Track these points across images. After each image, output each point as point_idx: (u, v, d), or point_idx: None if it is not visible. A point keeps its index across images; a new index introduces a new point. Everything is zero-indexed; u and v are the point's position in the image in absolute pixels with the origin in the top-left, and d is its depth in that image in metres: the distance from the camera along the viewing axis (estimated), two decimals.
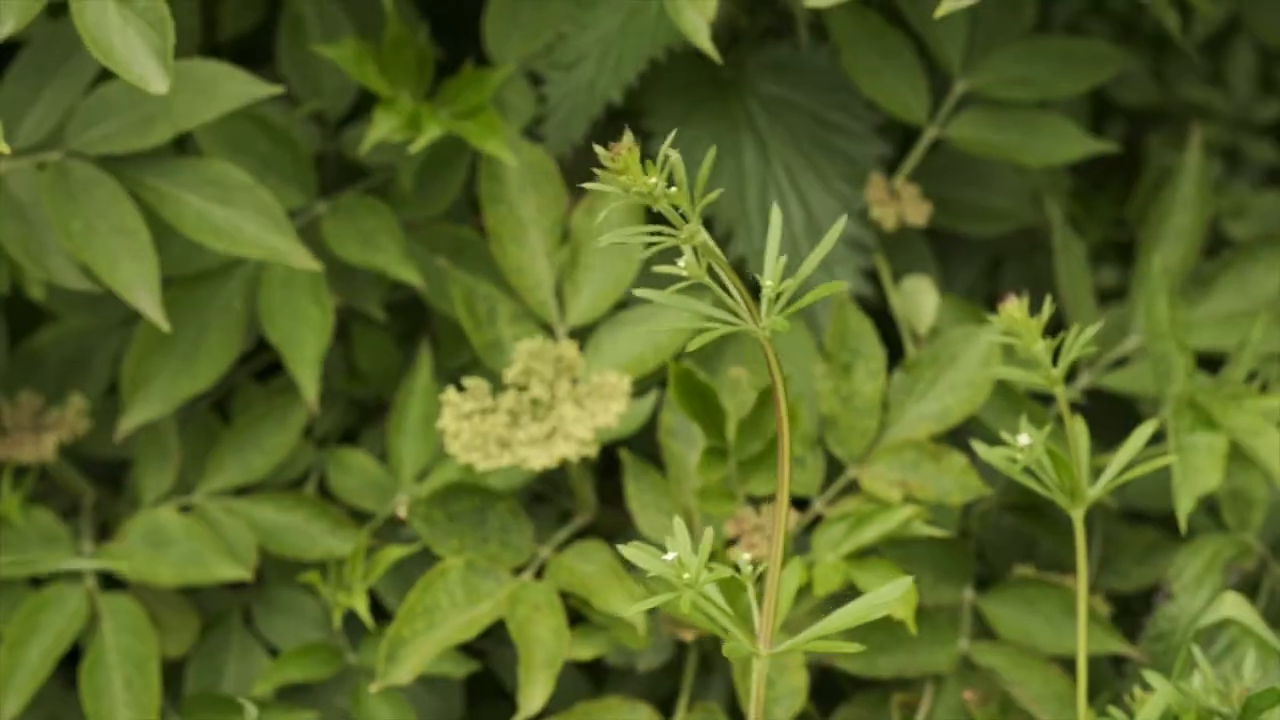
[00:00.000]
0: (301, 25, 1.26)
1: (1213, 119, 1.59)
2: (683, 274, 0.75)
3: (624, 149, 0.73)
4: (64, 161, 1.11)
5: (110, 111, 1.12)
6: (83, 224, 1.10)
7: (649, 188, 0.73)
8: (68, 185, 1.11)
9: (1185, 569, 1.16)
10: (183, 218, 1.12)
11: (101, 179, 1.11)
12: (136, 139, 1.11)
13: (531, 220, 1.19)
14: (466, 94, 1.18)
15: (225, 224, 1.12)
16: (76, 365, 1.25)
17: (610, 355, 1.16)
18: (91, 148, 1.12)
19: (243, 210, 1.13)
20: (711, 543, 1.13)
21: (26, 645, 1.15)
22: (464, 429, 1.12)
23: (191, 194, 1.13)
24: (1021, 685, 1.14)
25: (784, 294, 0.77)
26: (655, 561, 0.78)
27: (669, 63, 1.22)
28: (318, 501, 1.20)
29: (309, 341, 1.18)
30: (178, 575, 1.17)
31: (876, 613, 0.80)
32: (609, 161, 0.74)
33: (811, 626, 0.80)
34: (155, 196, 1.12)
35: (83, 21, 0.98)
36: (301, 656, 1.18)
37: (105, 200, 1.11)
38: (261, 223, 1.13)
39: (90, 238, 1.10)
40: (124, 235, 1.10)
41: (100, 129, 1.12)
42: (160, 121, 1.11)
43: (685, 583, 0.77)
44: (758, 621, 0.81)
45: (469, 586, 1.12)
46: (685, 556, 0.78)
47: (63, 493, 1.26)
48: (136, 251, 1.10)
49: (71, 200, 1.10)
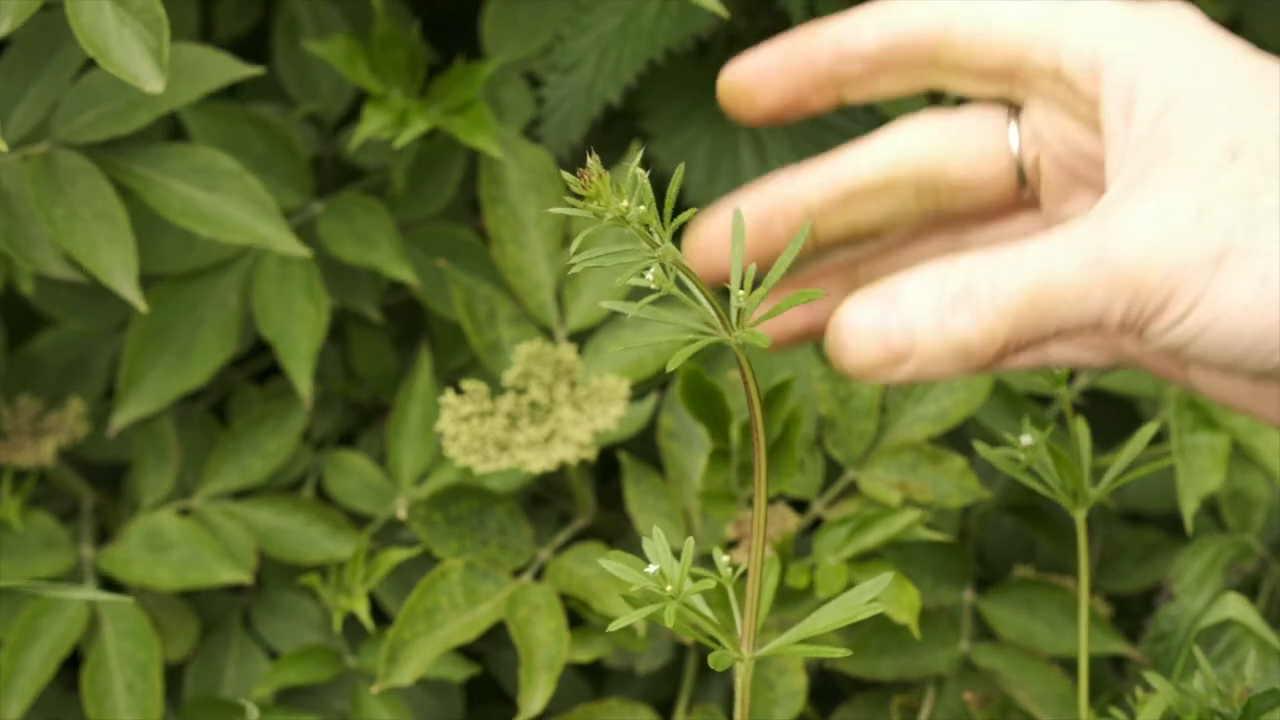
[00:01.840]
0: (297, 27, 1.26)
1: None
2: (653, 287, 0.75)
3: (593, 174, 0.73)
4: (50, 152, 1.11)
5: (95, 99, 1.12)
6: (65, 211, 1.09)
7: (620, 211, 0.73)
8: (53, 174, 1.10)
9: (1186, 570, 1.16)
10: (169, 205, 1.12)
11: (86, 166, 1.11)
12: (119, 124, 1.11)
13: (532, 222, 1.19)
14: (456, 89, 1.18)
15: (212, 210, 1.12)
16: (75, 369, 1.25)
17: (610, 358, 1.16)
18: (77, 136, 1.11)
19: (230, 196, 1.12)
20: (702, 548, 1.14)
21: (27, 650, 1.15)
22: (462, 431, 1.12)
23: (178, 180, 1.12)
24: (1022, 686, 1.14)
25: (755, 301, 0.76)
26: (637, 574, 0.77)
27: (667, 64, 1.22)
28: (317, 505, 1.20)
29: (303, 337, 1.18)
30: (178, 579, 1.17)
31: (860, 613, 0.79)
32: (577, 187, 0.73)
33: (792, 629, 0.80)
34: (142, 184, 1.12)
35: (78, 21, 0.98)
36: (301, 659, 1.18)
37: (89, 187, 1.10)
38: (249, 209, 1.12)
39: (72, 224, 1.09)
40: (104, 221, 1.10)
41: (85, 117, 1.12)
42: (142, 106, 1.11)
43: (669, 595, 0.77)
44: (739, 626, 0.80)
45: (469, 588, 1.12)
46: (667, 568, 0.77)
47: (62, 496, 1.26)
48: (115, 236, 1.09)
49: (56, 189, 1.10)
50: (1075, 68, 0.76)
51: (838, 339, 0.74)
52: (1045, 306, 0.71)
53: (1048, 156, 0.80)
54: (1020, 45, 0.78)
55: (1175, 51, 0.74)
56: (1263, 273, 0.69)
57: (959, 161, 0.81)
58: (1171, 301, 0.70)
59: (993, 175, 0.81)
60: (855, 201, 0.81)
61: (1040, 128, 0.80)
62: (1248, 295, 0.70)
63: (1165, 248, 0.70)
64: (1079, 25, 0.76)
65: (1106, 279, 0.71)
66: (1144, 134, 0.73)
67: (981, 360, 0.73)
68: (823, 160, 0.82)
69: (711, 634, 0.79)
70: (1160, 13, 0.76)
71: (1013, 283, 0.71)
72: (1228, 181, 0.70)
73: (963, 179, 0.81)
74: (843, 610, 0.80)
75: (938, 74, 0.80)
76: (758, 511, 0.79)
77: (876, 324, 0.73)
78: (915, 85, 0.81)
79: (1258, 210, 0.70)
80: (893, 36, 0.80)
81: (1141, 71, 0.74)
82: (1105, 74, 0.75)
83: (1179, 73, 0.73)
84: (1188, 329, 0.71)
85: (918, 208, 0.82)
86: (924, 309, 0.73)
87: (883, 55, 0.80)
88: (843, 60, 0.81)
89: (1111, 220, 0.71)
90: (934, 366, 0.73)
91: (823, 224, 0.82)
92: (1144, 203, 0.71)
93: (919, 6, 0.80)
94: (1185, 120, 0.72)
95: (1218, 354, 0.71)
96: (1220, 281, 0.70)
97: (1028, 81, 0.79)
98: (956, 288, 0.72)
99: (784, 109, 0.83)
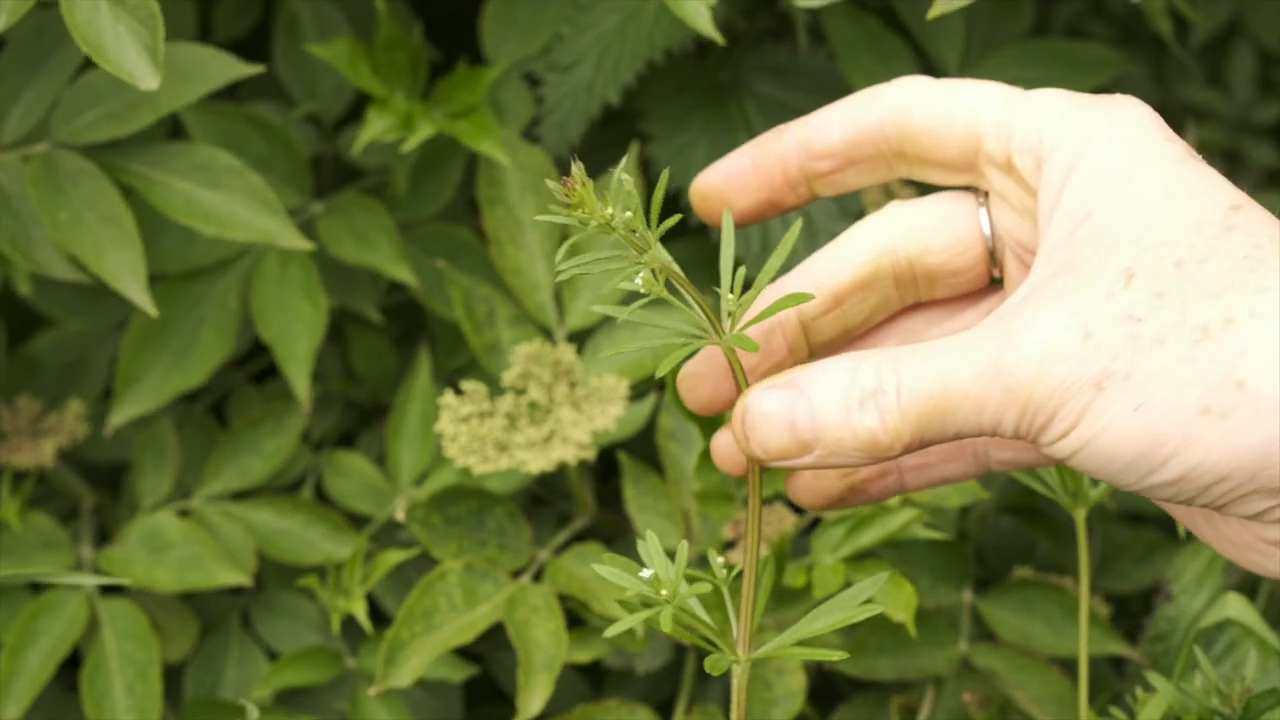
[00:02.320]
0: (297, 27, 1.26)
1: (1213, 121, 1.59)
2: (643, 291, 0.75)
3: (576, 182, 0.73)
4: (51, 153, 1.11)
5: (94, 100, 1.12)
6: (70, 214, 1.09)
7: (606, 219, 0.73)
8: (54, 176, 1.10)
9: (1185, 570, 1.16)
10: (171, 203, 1.12)
11: (88, 168, 1.11)
12: (119, 125, 1.11)
13: (530, 222, 1.19)
14: (460, 94, 1.18)
15: (214, 207, 1.12)
16: (74, 369, 1.25)
17: (609, 359, 1.16)
18: (77, 137, 1.11)
19: (231, 193, 1.12)
20: (700, 548, 1.14)
21: (26, 650, 1.15)
22: (461, 432, 1.12)
23: (179, 179, 1.12)
24: (1021, 687, 1.14)
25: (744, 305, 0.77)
26: (632, 579, 0.78)
27: (666, 64, 1.22)
28: (316, 506, 1.20)
29: (301, 338, 1.18)
30: (177, 580, 1.16)
31: (856, 614, 0.79)
32: (562, 196, 0.74)
33: (788, 630, 0.80)
34: (143, 183, 1.12)
35: (73, 19, 0.98)
36: (299, 661, 1.18)
37: (92, 190, 1.10)
38: (251, 205, 1.12)
39: (78, 227, 1.09)
40: (110, 224, 1.10)
41: (84, 118, 1.12)
42: (143, 107, 1.11)
43: (664, 599, 0.77)
44: (735, 628, 0.80)
45: (467, 589, 1.12)
46: (662, 571, 0.77)
47: (62, 497, 1.26)
48: (122, 240, 1.10)
49: (58, 191, 1.10)
50: (1023, 160, 0.79)
51: (747, 422, 0.77)
52: (946, 411, 0.75)
53: (1005, 244, 0.83)
54: (976, 135, 0.80)
55: (1109, 156, 0.76)
56: (1138, 400, 0.72)
57: (936, 250, 0.83)
58: (1056, 418, 0.74)
59: (967, 262, 0.84)
60: (844, 302, 0.84)
61: (996, 219, 0.82)
62: (1123, 420, 0.73)
63: (1054, 366, 0.73)
64: (1029, 115, 0.79)
65: (1000, 392, 0.74)
66: (1060, 241, 0.76)
67: (888, 455, 0.76)
68: (808, 266, 0.84)
69: (707, 636, 0.79)
70: (1110, 110, 0.78)
71: (915, 388, 0.75)
72: (1119, 305, 0.73)
73: (940, 266, 0.84)
74: (839, 611, 0.80)
75: (905, 165, 0.83)
76: (752, 512, 0.79)
77: (785, 412, 0.77)
78: (885, 176, 0.84)
79: (1140, 338, 0.72)
80: (857, 132, 0.83)
81: (1073, 173, 0.76)
82: (1046, 167, 0.78)
83: (1105, 181, 0.76)
84: (1070, 444, 0.74)
85: (897, 298, 0.85)
86: (832, 402, 0.76)
87: (850, 150, 0.83)
88: (812, 157, 0.84)
89: (1009, 331, 0.74)
90: (839, 457, 0.76)
91: (815, 329, 0.85)
92: (1040, 317, 0.74)
93: (881, 100, 0.82)
94: (1097, 235, 0.75)
95: (1099, 469, 0.74)
96: (1099, 404, 0.73)
97: (983, 173, 0.81)
98: (865, 386, 0.75)
99: (759, 210, 0.85)
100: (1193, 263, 0.73)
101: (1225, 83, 1.60)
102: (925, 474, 0.86)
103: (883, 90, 0.82)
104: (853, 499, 0.85)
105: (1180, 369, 0.72)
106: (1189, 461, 0.72)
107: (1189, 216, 0.74)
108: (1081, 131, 0.77)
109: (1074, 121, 0.77)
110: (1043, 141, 0.78)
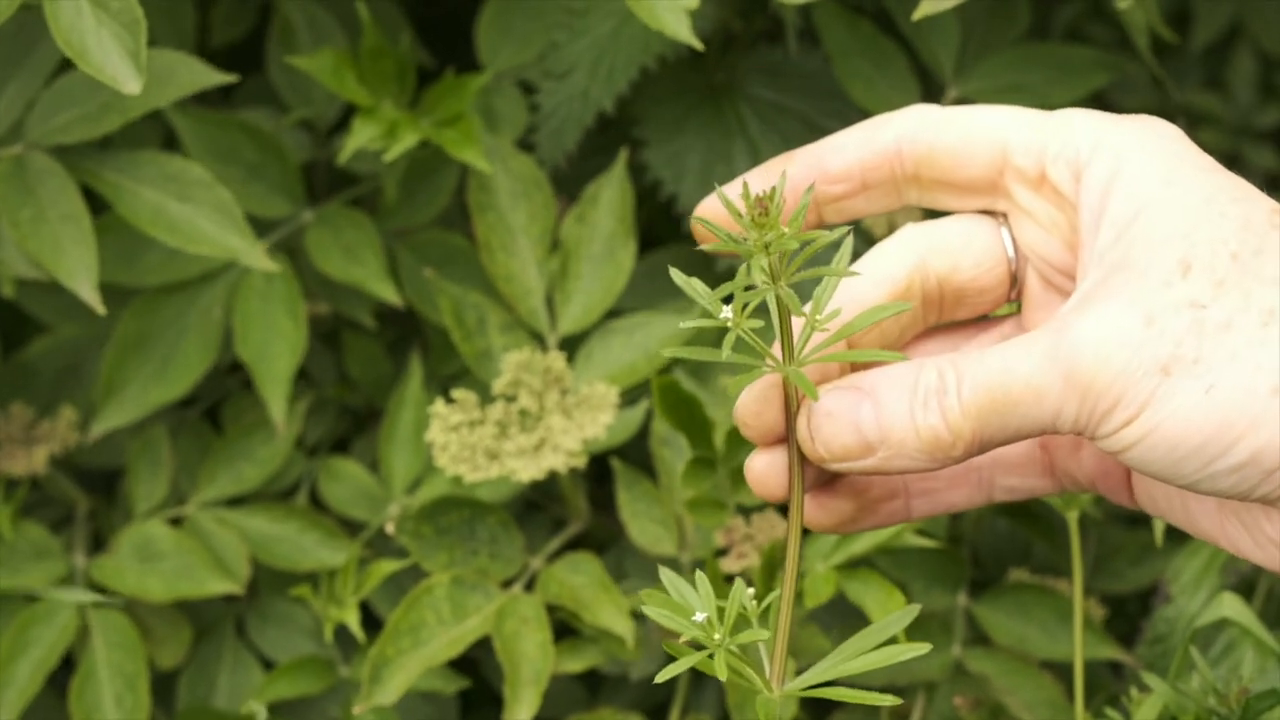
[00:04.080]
0: (291, 33, 1.25)
1: (1213, 125, 1.58)
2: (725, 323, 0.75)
3: (769, 200, 0.73)
4: (23, 154, 1.11)
5: (69, 102, 1.12)
6: (32, 213, 1.09)
7: (777, 239, 0.73)
8: (24, 177, 1.10)
9: (1183, 570, 1.15)
10: (138, 212, 1.11)
11: (53, 168, 1.10)
12: (92, 127, 1.11)
13: (521, 229, 1.19)
14: (447, 101, 1.18)
15: (181, 220, 1.12)
16: (68, 377, 1.25)
17: (602, 364, 1.16)
18: (50, 138, 1.11)
19: (200, 207, 1.12)
20: (693, 554, 1.14)
21: (18, 659, 1.14)
22: (452, 441, 1.11)
23: (149, 188, 1.12)
24: (1013, 693, 1.14)
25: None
26: (686, 624, 0.77)
27: (661, 70, 1.22)
28: (310, 512, 1.20)
29: (281, 356, 1.17)
30: (169, 590, 1.16)
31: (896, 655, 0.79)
32: (756, 214, 0.73)
33: (821, 662, 0.80)
34: (112, 190, 1.12)
35: (57, 22, 0.98)
36: (294, 671, 1.18)
37: (56, 189, 1.10)
38: (218, 220, 1.12)
39: (38, 225, 1.09)
40: (69, 222, 1.09)
41: (58, 120, 1.11)
42: (112, 110, 1.10)
43: (717, 644, 0.77)
44: (764, 660, 0.80)
45: (455, 603, 1.12)
46: (714, 617, 0.77)
47: (56, 503, 1.26)
48: (79, 238, 1.09)
49: (26, 191, 1.10)
50: (1058, 172, 0.79)
51: (812, 423, 0.78)
52: (1006, 405, 0.75)
53: (1027, 266, 0.83)
54: (1002, 152, 0.81)
55: (1149, 163, 0.77)
56: (1208, 383, 0.73)
57: (965, 268, 0.83)
58: (1119, 405, 0.74)
59: (994, 280, 0.84)
60: (883, 322, 0.83)
61: (1020, 238, 0.82)
62: (1191, 403, 0.73)
63: (1116, 353, 0.73)
64: (1062, 131, 0.79)
65: (1060, 381, 0.74)
66: (1110, 243, 0.76)
67: (948, 456, 0.76)
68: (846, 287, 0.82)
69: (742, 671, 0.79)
70: (1141, 125, 0.79)
71: (976, 383, 0.75)
72: (1179, 293, 0.74)
73: (969, 283, 0.84)
74: (872, 650, 0.79)
75: (917, 190, 0.83)
76: (791, 542, 0.79)
77: (850, 412, 0.77)
78: (893, 204, 0.84)
79: (1205, 323, 0.73)
80: (872, 154, 0.82)
81: (1115, 179, 0.77)
82: (1085, 176, 0.78)
83: (1149, 185, 0.76)
84: (1133, 433, 0.74)
85: (921, 319, 0.85)
86: (897, 401, 0.76)
87: (865, 173, 0.82)
88: (826, 180, 0.83)
89: (1068, 325, 0.75)
90: (902, 459, 0.77)
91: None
92: (1099, 309, 0.74)
93: (896, 122, 0.82)
94: (1148, 233, 0.75)
95: (1159, 459, 0.74)
96: (1167, 388, 0.73)
97: (1008, 191, 0.81)
98: (929, 385, 0.76)
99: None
100: (1247, 254, 0.74)
101: (1226, 86, 1.60)
102: (930, 501, 0.85)
103: (897, 114, 0.82)
104: (863, 519, 0.84)
105: (1250, 351, 0.73)
106: (1257, 443, 0.73)
107: (1235, 217, 0.75)
108: (1118, 142, 0.78)
109: (1109, 134, 0.78)
110: (1079, 153, 0.78)
